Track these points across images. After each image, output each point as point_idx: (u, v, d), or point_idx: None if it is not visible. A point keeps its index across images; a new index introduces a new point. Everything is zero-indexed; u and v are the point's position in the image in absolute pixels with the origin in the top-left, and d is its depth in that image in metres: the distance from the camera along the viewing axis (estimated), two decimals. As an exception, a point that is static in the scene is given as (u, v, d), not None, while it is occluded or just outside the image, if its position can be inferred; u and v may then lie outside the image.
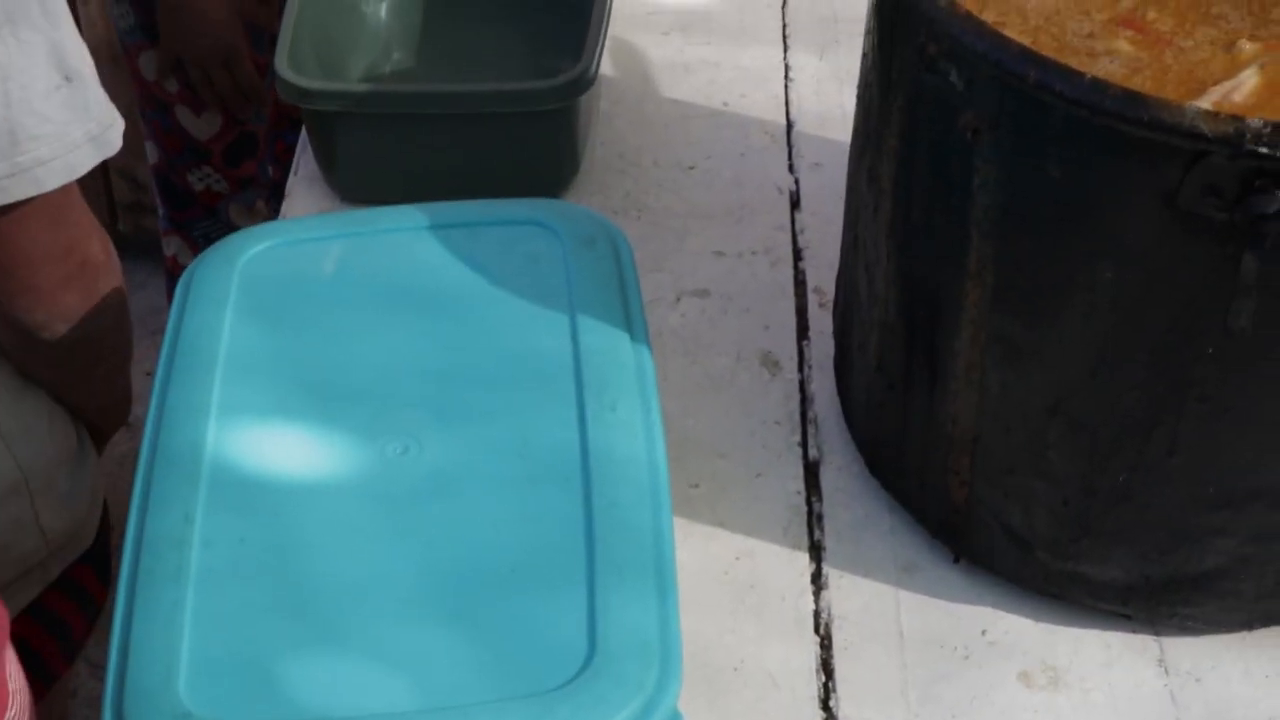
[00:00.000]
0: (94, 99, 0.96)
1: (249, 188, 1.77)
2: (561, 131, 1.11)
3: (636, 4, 1.34)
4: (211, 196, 1.76)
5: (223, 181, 1.75)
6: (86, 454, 1.11)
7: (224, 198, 1.76)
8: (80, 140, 0.94)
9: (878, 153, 0.84)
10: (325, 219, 0.94)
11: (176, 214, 1.80)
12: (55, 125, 0.92)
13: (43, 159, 0.92)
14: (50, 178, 0.93)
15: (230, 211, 1.77)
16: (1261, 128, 0.65)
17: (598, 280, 0.87)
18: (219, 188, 1.75)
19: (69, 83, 0.93)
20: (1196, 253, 0.70)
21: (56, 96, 0.92)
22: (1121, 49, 0.83)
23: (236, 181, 1.75)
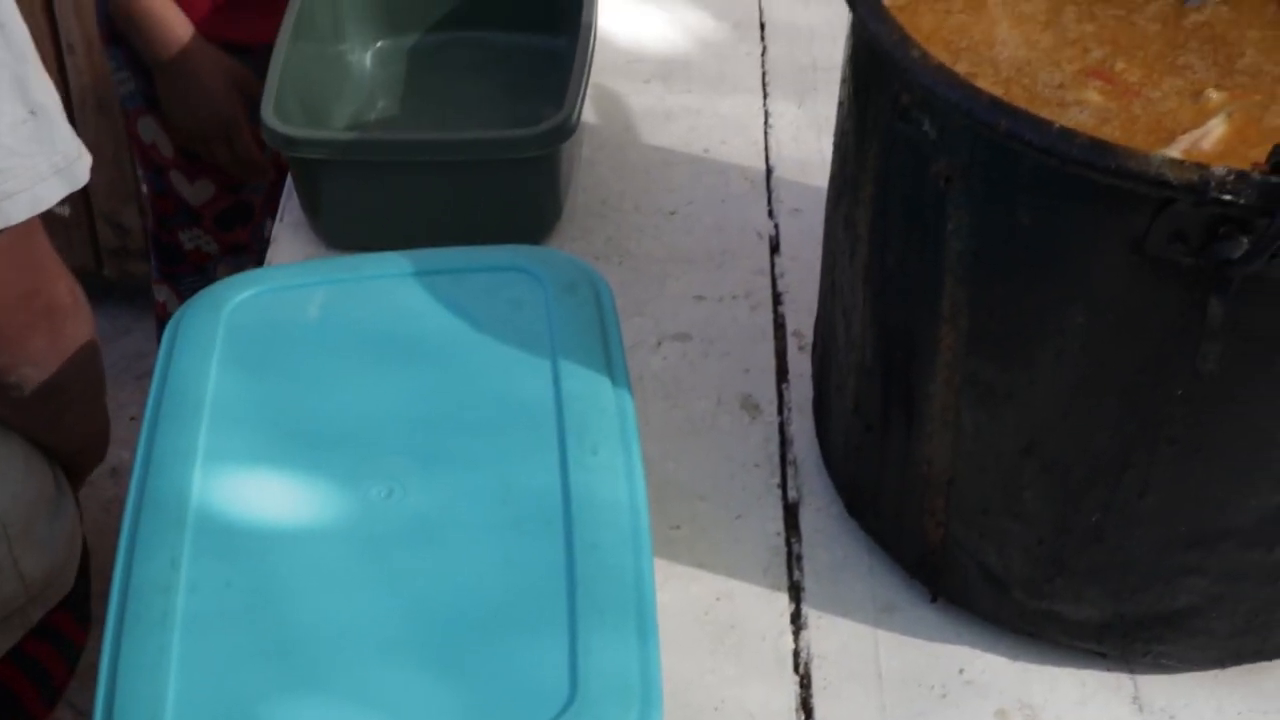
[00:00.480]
0: (59, 133, 0.96)
1: (241, 253, 1.78)
2: (544, 178, 1.13)
3: (618, 52, 1.36)
4: (201, 256, 1.77)
5: (213, 244, 1.76)
6: (64, 497, 1.11)
7: (213, 259, 1.77)
8: (46, 173, 0.94)
9: (854, 199, 0.85)
10: (310, 266, 0.96)
11: (166, 268, 1.81)
12: (21, 158, 0.92)
13: (8, 192, 0.92)
14: (16, 211, 0.93)
15: (219, 272, 1.79)
16: (1225, 175, 0.66)
17: (579, 326, 0.89)
18: (209, 249, 1.76)
19: (34, 116, 0.93)
20: (1165, 297, 0.72)
21: (22, 129, 0.93)
22: (1091, 99, 0.84)
23: (227, 245, 1.77)
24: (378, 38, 1.34)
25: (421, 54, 1.34)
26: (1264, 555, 0.81)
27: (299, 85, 1.18)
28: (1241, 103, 0.84)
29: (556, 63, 1.24)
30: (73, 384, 1.04)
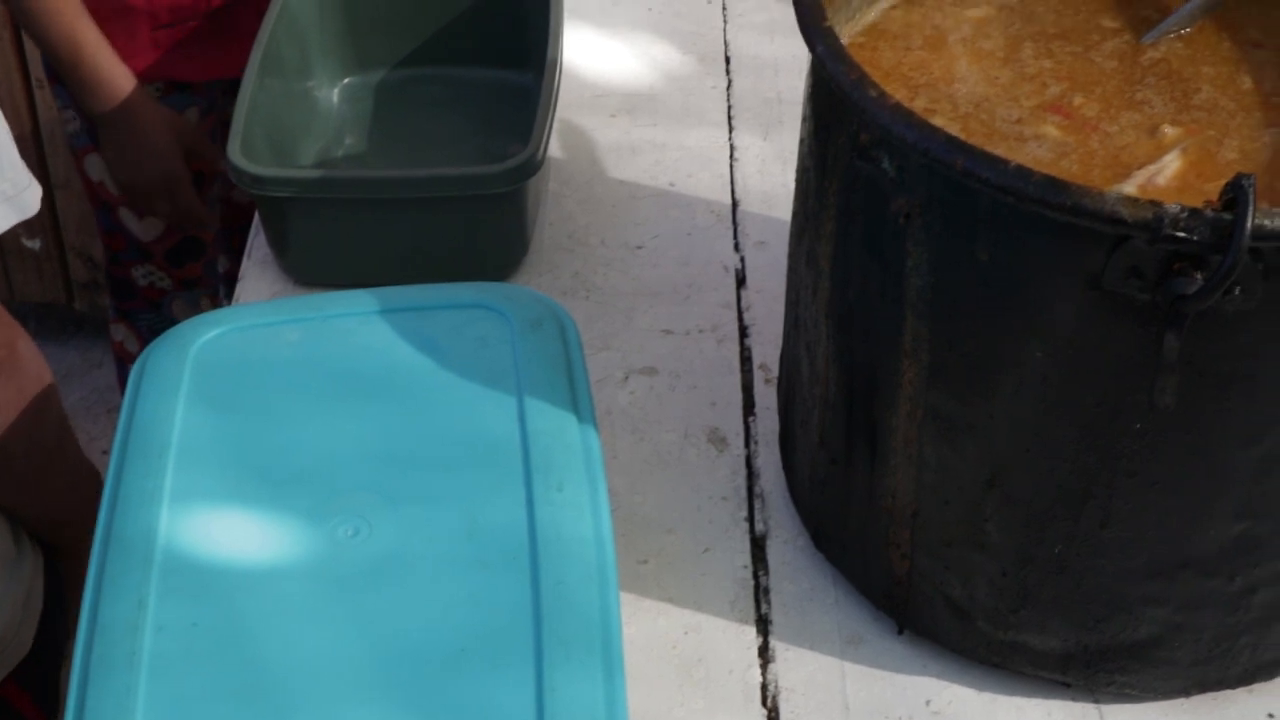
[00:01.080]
0: (8, 161, 0.95)
1: (194, 287, 1.78)
2: (511, 214, 1.14)
3: (584, 87, 1.37)
4: (155, 292, 1.77)
5: (166, 279, 1.76)
6: (24, 557, 1.09)
7: (167, 294, 1.77)
8: None
9: (815, 235, 0.86)
10: (277, 304, 0.96)
11: (121, 304, 1.81)
12: None
13: None
14: None
15: (174, 308, 1.78)
16: (1179, 213, 0.67)
17: (545, 362, 0.89)
18: (163, 284, 1.76)
19: None
20: (1121, 332, 0.73)
21: None
22: (1049, 134, 0.85)
23: (180, 280, 1.76)
24: (345, 74, 1.34)
25: (388, 90, 1.35)
26: (1224, 584, 0.81)
27: (266, 123, 1.19)
28: (1197, 138, 0.86)
29: (523, 97, 1.25)
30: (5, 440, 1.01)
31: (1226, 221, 0.67)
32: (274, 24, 1.24)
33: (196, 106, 1.67)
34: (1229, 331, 0.71)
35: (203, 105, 1.68)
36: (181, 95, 1.66)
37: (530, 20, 1.28)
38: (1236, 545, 0.79)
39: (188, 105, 1.67)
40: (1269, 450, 0.75)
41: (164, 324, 1.78)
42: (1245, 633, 0.84)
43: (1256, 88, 0.88)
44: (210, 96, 1.68)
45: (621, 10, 1.48)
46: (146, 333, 1.81)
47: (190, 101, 1.67)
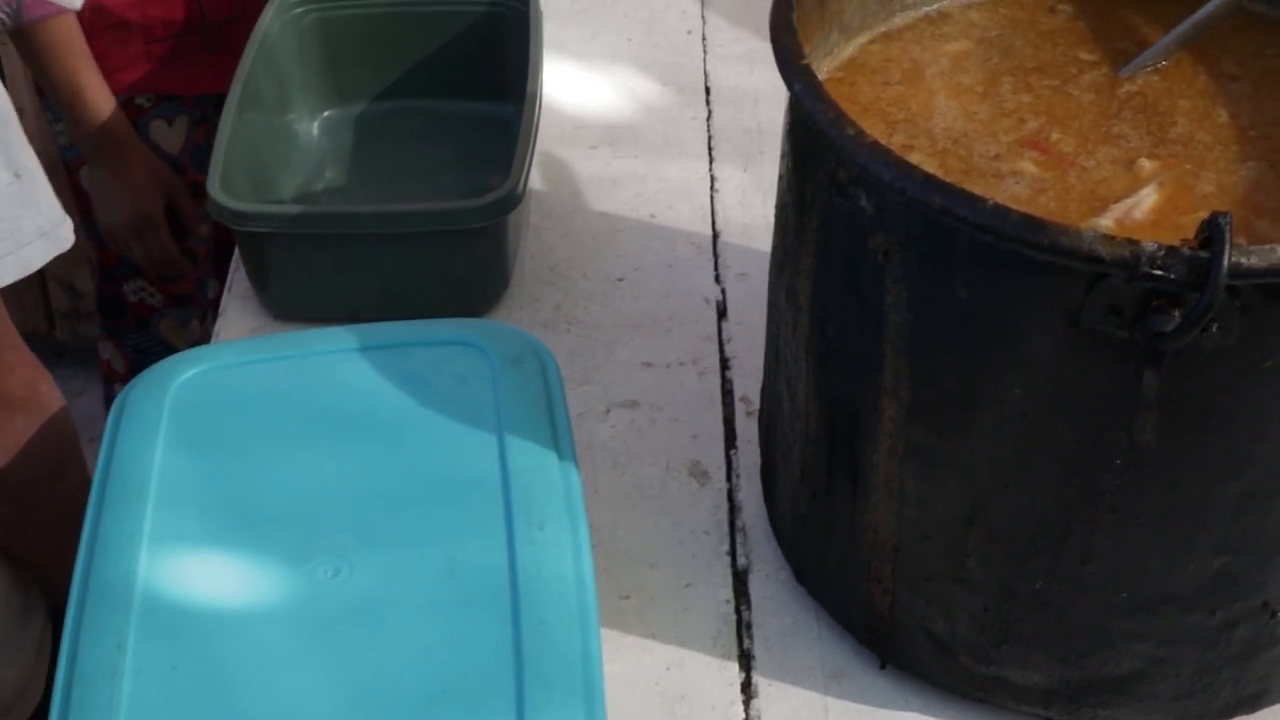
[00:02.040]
0: (43, 195, 0.96)
1: (185, 305, 1.78)
2: (491, 248, 1.14)
3: (564, 119, 1.37)
4: (144, 309, 1.77)
5: (157, 295, 1.76)
6: (33, 603, 1.08)
7: (156, 311, 1.77)
8: (32, 235, 0.94)
9: (795, 271, 0.86)
10: (256, 342, 0.96)
11: (110, 322, 1.81)
12: (6, 222, 0.92)
13: None
14: (5, 274, 0.93)
15: (162, 326, 1.78)
16: (1155, 251, 0.68)
17: (525, 399, 0.89)
18: (153, 301, 1.76)
19: (18, 179, 0.93)
20: (1100, 369, 0.73)
21: (7, 193, 0.92)
22: (1027, 170, 0.86)
23: (171, 297, 1.76)
24: (324, 107, 1.34)
25: (368, 123, 1.35)
26: (1204, 619, 0.81)
27: (245, 157, 1.19)
28: (1174, 171, 0.86)
29: (504, 129, 1.25)
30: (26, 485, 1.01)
31: (1203, 260, 0.67)
32: (253, 58, 1.25)
33: (187, 116, 1.67)
34: (1207, 368, 0.71)
35: (194, 116, 1.68)
36: (172, 104, 1.66)
37: (510, 53, 1.29)
38: (1216, 580, 0.80)
39: (178, 114, 1.67)
40: (1247, 486, 0.76)
41: (151, 343, 1.78)
42: (1226, 667, 0.84)
43: (1233, 121, 0.89)
44: (203, 108, 1.68)
45: (601, 42, 1.48)
46: (132, 352, 1.80)
47: (181, 111, 1.67)
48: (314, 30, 1.32)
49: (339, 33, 1.32)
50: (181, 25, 1.60)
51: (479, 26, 1.33)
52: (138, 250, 1.64)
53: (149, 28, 1.59)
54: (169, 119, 1.66)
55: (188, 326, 1.79)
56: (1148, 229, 0.82)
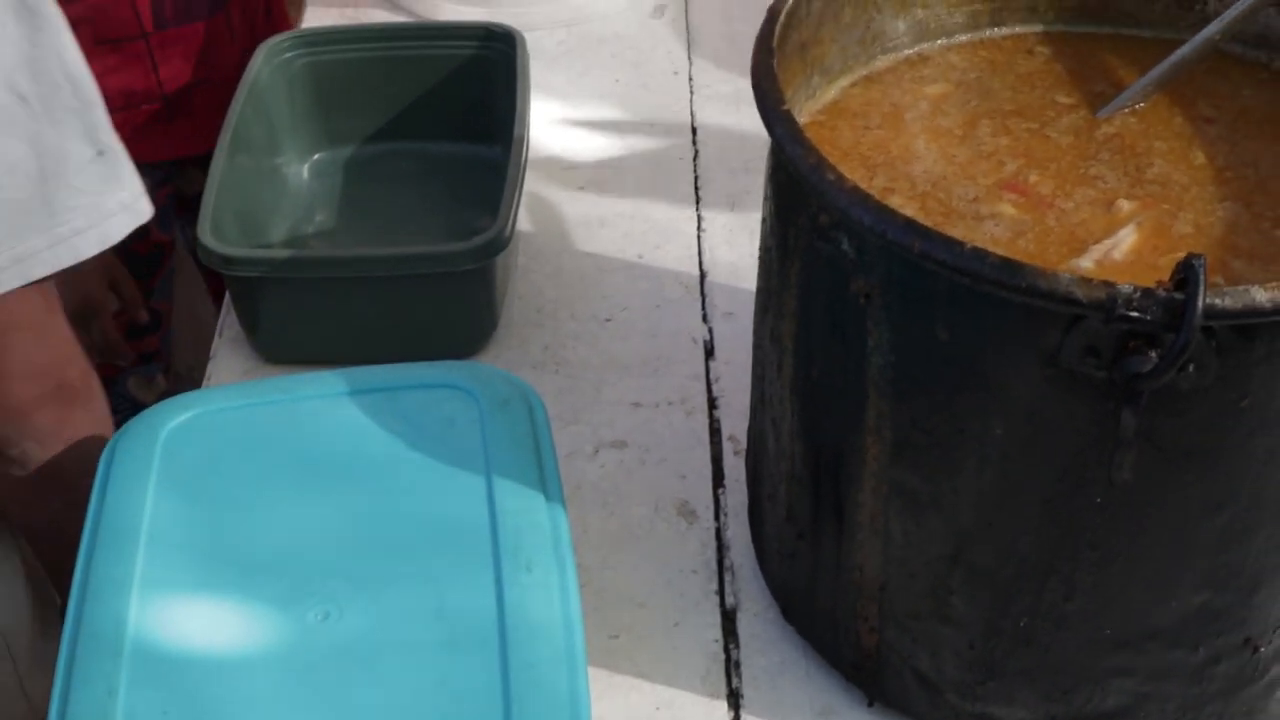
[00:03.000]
0: (126, 170, 0.99)
1: (151, 361, 1.78)
2: (479, 290, 1.15)
3: (552, 160, 1.39)
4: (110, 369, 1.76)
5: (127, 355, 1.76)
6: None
7: (123, 370, 1.77)
8: (114, 209, 0.98)
9: (779, 313, 0.87)
10: (246, 387, 0.96)
11: None
12: (89, 196, 0.96)
13: (79, 228, 0.96)
14: (87, 246, 0.97)
15: (129, 384, 1.78)
16: (1131, 293, 0.68)
17: (513, 441, 0.90)
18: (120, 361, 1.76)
19: (101, 156, 0.97)
20: (1079, 409, 0.74)
21: (90, 169, 0.96)
22: (1005, 212, 0.87)
23: (137, 355, 1.76)
24: (314, 150, 1.36)
25: (358, 165, 1.36)
26: (1188, 655, 0.82)
27: (235, 201, 1.20)
28: (1151, 211, 0.87)
29: (492, 170, 1.26)
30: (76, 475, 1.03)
31: (1178, 301, 0.68)
32: (243, 103, 1.26)
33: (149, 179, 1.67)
34: (1185, 407, 0.72)
35: (156, 178, 1.69)
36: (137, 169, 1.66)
37: (498, 95, 1.30)
38: (1199, 616, 0.80)
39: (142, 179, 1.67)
40: (1227, 523, 0.76)
41: (118, 401, 1.77)
42: (1210, 702, 0.85)
43: (1209, 162, 0.90)
44: (165, 169, 1.69)
45: (589, 82, 1.50)
46: None
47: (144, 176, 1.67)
48: (304, 74, 1.33)
49: (328, 76, 1.34)
50: (140, 95, 1.61)
51: (467, 69, 1.34)
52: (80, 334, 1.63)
53: (107, 97, 1.59)
54: None
55: (153, 382, 1.79)
56: (1126, 269, 0.83)
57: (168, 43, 1.57)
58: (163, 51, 1.58)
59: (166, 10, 1.56)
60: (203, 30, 1.60)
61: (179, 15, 1.57)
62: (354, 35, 1.36)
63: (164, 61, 1.58)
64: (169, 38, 1.57)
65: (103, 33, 1.55)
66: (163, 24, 1.56)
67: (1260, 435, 0.73)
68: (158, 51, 1.57)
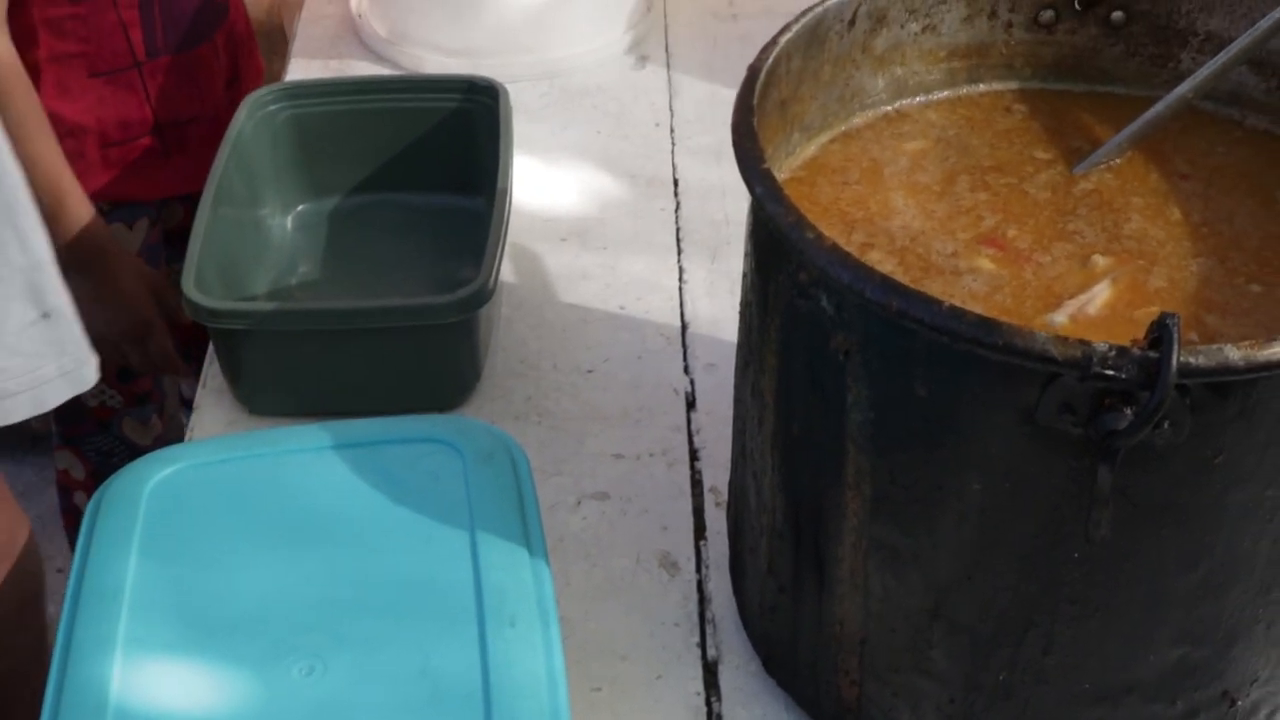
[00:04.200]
0: (70, 336, 0.96)
1: (145, 403, 1.78)
2: (462, 343, 1.15)
3: (535, 211, 1.39)
4: (105, 411, 1.77)
5: (116, 397, 1.76)
6: None
7: (117, 412, 1.77)
8: (52, 375, 0.95)
9: (760, 369, 0.88)
10: (230, 440, 0.97)
11: (69, 429, 1.80)
12: (24, 358, 0.93)
13: (9, 391, 0.93)
14: (17, 409, 0.94)
15: (124, 426, 1.78)
16: (1107, 352, 0.69)
17: (496, 495, 0.90)
18: (113, 403, 1.76)
19: (46, 319, 0.94)
20: (1056, 465, 0.74)
21: (31, 331, 0.93)
22: (984, 267, 0.88)
23: (131, 397, 1.77)
24: (298, 202, 1.36)
25: (341, 216, 1.37)
26: (1166, 708, 0.83)
27: (219, 253, 1.20)
28: (1127, 267, 0.88)
29: (475, 221, 1.27)
30: None
31: (1153, 360, 0.69)
32: (227, 156, 1.26)
33: (147, 218, 1.69)
34: (1160, 464, 0.73)
35: (152, 215, 1.70)
36: (132, 208, 1.67)
37: (481, 147, 1.31)
38: (1176, 669, 0.81)
39: (138, 217, 1.68)
40: (1204, 577, 0.77)
41: (114, 444, 1.78)
42: (1189, 754, 0.85)
43: (1184, 218, 0.91)
44: (157, 206, 1.70)
45: (571, 134, 1.51)
46: (95, 456, 1.80)
47: (142, 213, 1.68)
48: (287, 126, 1.34)
49: (312, 129, 1.35)
50: (135, 127, 1.62)
51: (450, 122, 1.35)
52: (135, 357, 1.64)
53: (103, 132, 1.61)
54: (129, 222, 1.67)
55: (148, 424, 1.79)
56: (1101, 324, 0.84)
57: (160, 71, 1.59)
58: (155, 80, 1.60)
59: (158, 38, 1.58)
60: (193, 59, 1.62)
61: (169, 43, 1.59)
62: (337, 88, 1.37)
63: (156, 90, 1.60)
64: (160, 66, 1.59)
65: (96, 65, 1.57)
66: (154, 52, 1.58)
67: (1235, 491, 0.74)
68: (150, 80, 1.59)
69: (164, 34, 1.58)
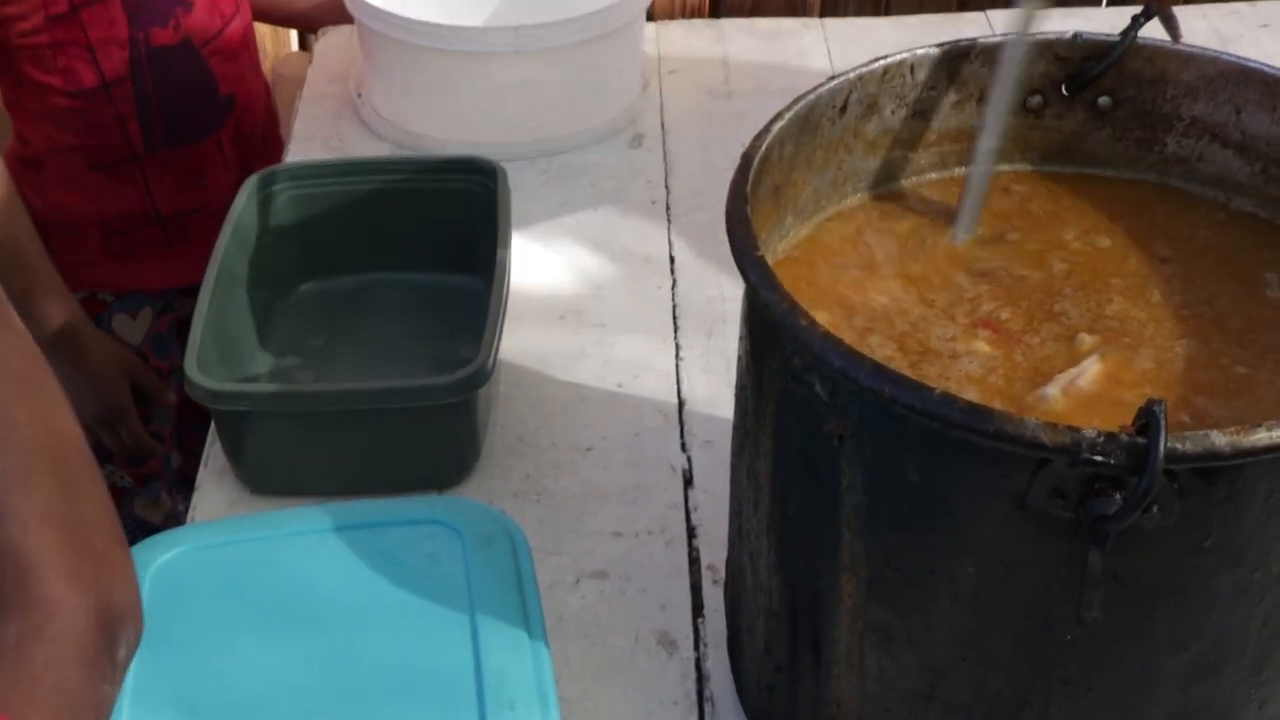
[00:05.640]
0: None
1: (154, 481, 1.80)
2: (461, 422, 1.16)
3: (532, 289, 1.41)
4: (116, 492, 1.79)
5: (127, 478, 1.77)
6: None
7: (128, 493, 1.79)
8: None
9: (755, 451, 0.89)
10: (234, 522, 0.98)
11: None
12: None
13: None
14: None
15: (135, 505, 1.80)
16: (1095, 438, 0.71)
17: (496, 577, 0.91)
18: (123, 484, 1.78)
19: None
20: (1048, 549, 0.75)
21: None
22: (979, 349, 0.89)
23: (140, 477, 1.78)
24: (299, 282, 1.38)
25: (342, 295, 1.38)
26: (1160, 787, 0.84)
27: (221, 334, 1.22)
28: (1113, 345, 0.90)
29: (474, 299, 1.28)
30: None
31: (1141, 445, 0.70)
32: (229, 237, 1.28)
33: (150, 308, 1.71)
34: (1150, 547, 0.74)
35: (158, 305, 1.71)
36: (136, 298, 1.69)
37: (480, 227, 1.32)
38: (1170, 749, 0.82)
39: (141, 307, 1.70)
40: (1195, 659, 0.78)
41: (127, 523, 1.79)
42: (1184, 833, 0.86)
43: (1165, 300, 0.93)
44: (166, 297, 1.71)
45: (569, 212, 1.53)
46: None
47: (145, 303, 1.70)
48: (288, 207, 1.36)
49: (312, 209, 1.36)
50: (137, 217, 1.64)
51: (449, 201, 1.37)
52: (108, 439, 1.66)
53: (105, 222, 1.63)
54: (132, 313, 1.69)
55: (159, 501, 1.81)
56: (1091, 398, 0.86)
57: (159, 164, 1.61)
58: (155, 173, 1.62)
59: (156, 133, 1.60)
60: (194, 153, 1.64)
61: (169, 138, 1.61)
62: (337, 169, 1.39)
63: (157, 183, 1.62)
64: (160, 160, 1.61)
65: (95, 158, 1.59)
66: (153, 146, 1.60)
67: (1224, 573, 0.75)
68: (150, 173, 1.61)
69: (163, 128, 1.60)
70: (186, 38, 1.59)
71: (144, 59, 1.56)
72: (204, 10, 1.60)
